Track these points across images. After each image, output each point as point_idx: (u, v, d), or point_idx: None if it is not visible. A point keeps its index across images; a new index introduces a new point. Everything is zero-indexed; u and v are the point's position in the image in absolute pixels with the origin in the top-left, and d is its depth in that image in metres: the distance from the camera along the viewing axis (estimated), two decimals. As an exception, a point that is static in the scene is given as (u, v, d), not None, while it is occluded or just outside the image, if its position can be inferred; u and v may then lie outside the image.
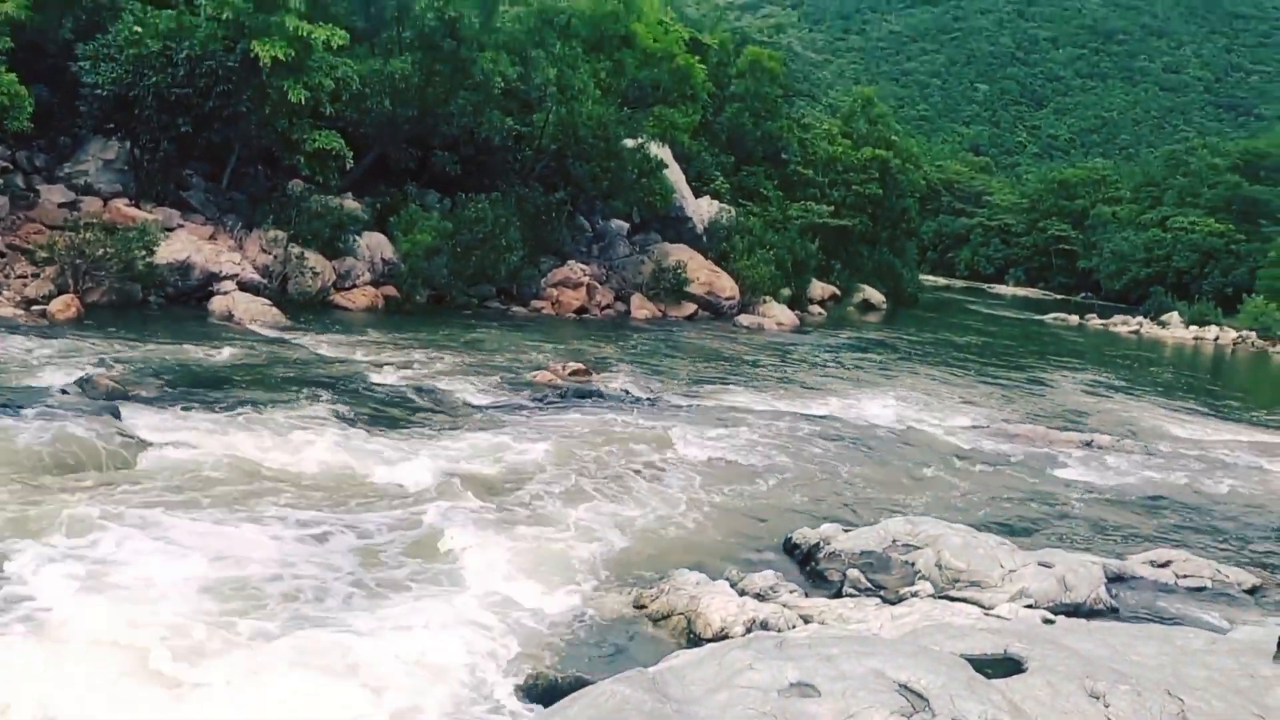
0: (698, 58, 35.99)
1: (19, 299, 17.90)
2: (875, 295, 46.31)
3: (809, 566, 9.25)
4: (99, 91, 21.37)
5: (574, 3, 28.74)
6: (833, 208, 45.73)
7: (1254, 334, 51.07)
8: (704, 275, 32.30)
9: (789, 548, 9.72)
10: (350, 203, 25.36)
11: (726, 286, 32.58)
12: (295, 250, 22.65)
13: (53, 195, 21.46)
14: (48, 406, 10.80)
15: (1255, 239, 71.83)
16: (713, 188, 39.66)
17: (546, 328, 24.93)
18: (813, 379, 21.98)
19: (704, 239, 35.50)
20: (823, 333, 32.21)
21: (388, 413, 13.65)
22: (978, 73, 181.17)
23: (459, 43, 25.83)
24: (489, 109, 27.39)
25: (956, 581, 8.52)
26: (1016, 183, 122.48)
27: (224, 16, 21.65)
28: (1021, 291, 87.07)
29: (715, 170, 40.96)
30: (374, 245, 24.95)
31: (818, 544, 9.39)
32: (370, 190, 27.36)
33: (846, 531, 9.50)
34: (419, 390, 15.40)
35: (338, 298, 23.56)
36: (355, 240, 24.39)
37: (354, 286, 24.07)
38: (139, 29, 21.66)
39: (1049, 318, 54.87)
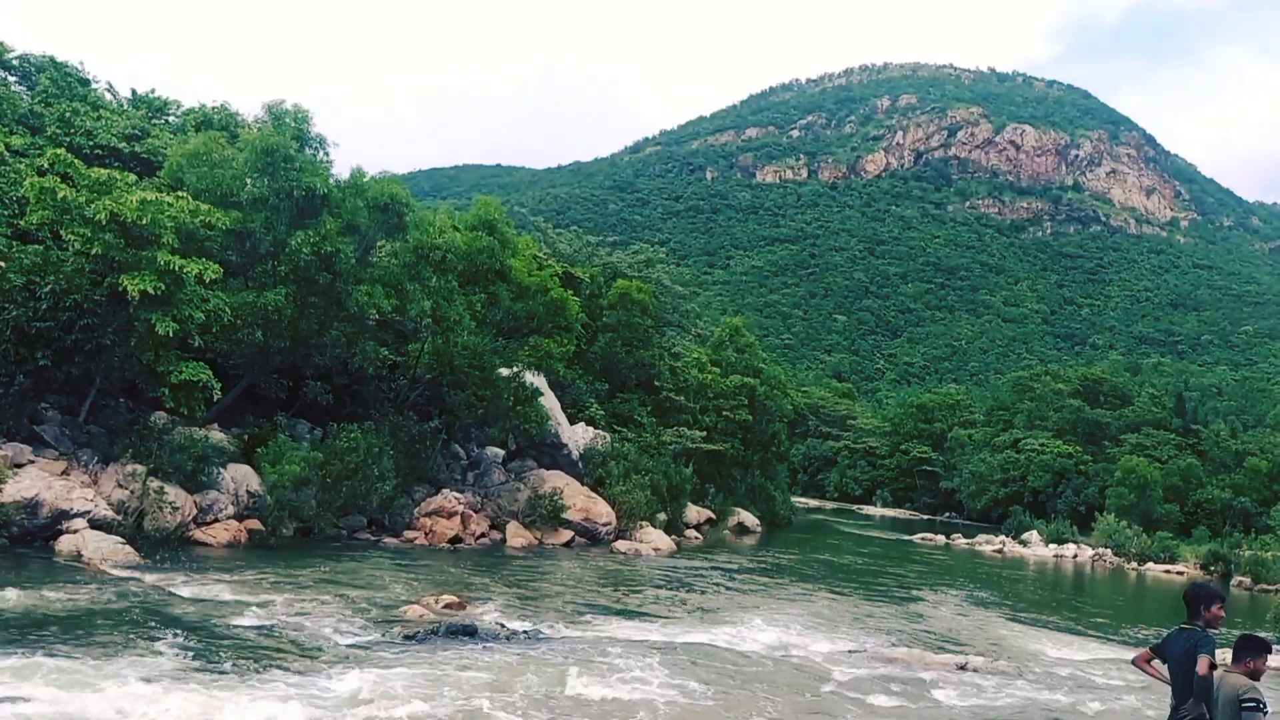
0: (571, 290, 37.28)
1: None
2: (749, 518, 46.81)
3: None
4: (-47, 324, 20.72)
5: (449, 239, 29.65)
6: (705, 433, 46.77)
7: (1109, 551, 53.31)
8: (580, 501, 32.20)
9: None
10: (216, 434, 24.71)
11: (603, 512, 32.49)
12: (154, 485, 21.75)
13: (-110, 430, 20.30)
14: None
15: (1100, 459, 76.23)
16: (588, 414, 40.21)
17: (419, 559, 24.21)
18: (691, 605, 21.76)
19: (580, 465, 35.61)
20: (700, 557, 32.16)
21: (244, 657, 12.83)
22: (836, 304, 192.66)
23: (335, 276, 26.18)
24: (364, 340, 27.55)
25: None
26: (878, 407, 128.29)
27: (93, 252, 21.52)
28: (890, 512, 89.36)
29: (590, 397, 41.67)
30: (239, 477, 24.19)
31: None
32: (238, 420, 26.79)
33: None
34: (282, 630, 14.60)
35: (198, 533, 22.51)
36: (219, 473, 23.62)
37: (216, 521, 23.10)
38: (2, 264, 21.32)
39: (917, 538, 56.22)
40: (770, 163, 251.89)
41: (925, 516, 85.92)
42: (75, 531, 19.70)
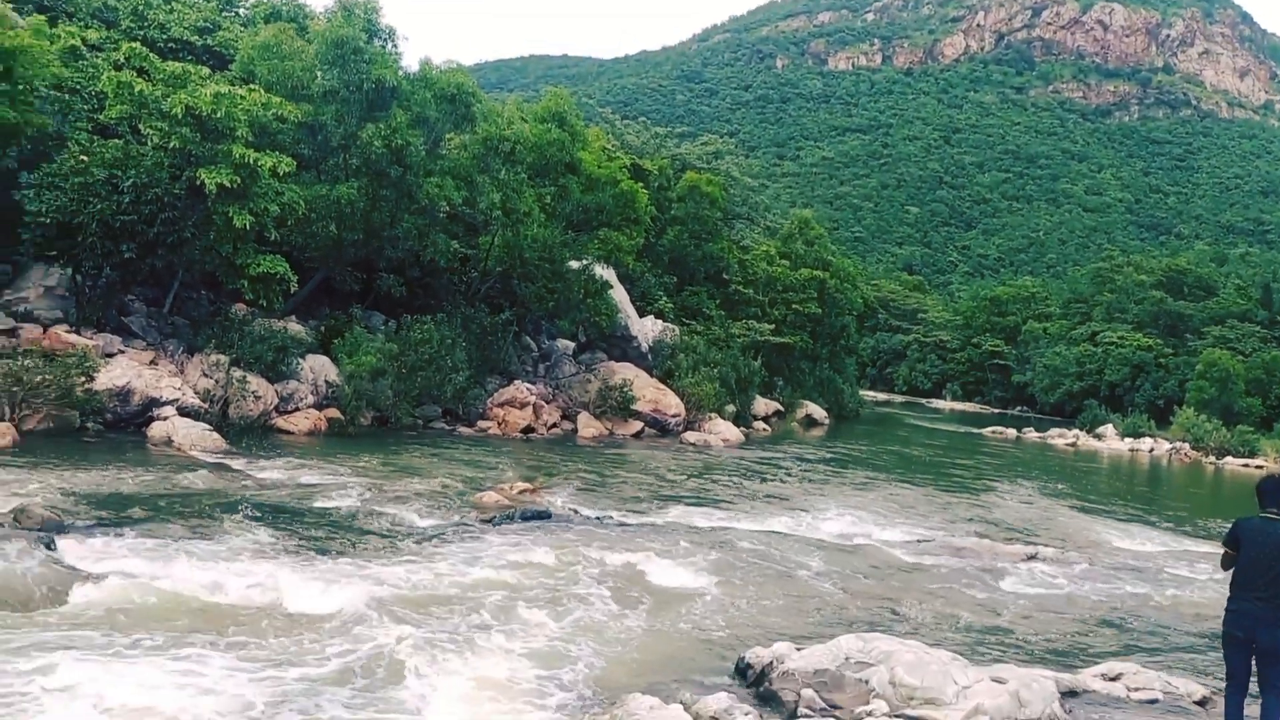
0: (640, 183, 36.99)
1: (-50, 428, 17.44)
2: (818, 411, 46.87)
3: (762, 687, 9.14)
4: (42, 219, 21.31)
5: (519, 131, 29.50)
6: (774, 326, 46.62)
7: (1187, 445, 52.42)
8: (650, 393, 32.52)
9: (741, 668, 9.60)
10: (294, 326, 25.30)
11: (672, 404, 32.80)
12: (237, 374, 22.45)
13: (-10, 322, 21.14)
14: (-22, 538, 10.44)
15: (1182, 352, 74.40)
16: (657, 307, 40.29)
17: (493, 448, 24.80)
18: (760, 494, 22.04)
19: (649, 357, 35.86)
20: (768, 448, 32.41)
21: (331, 538, 13.39)
22: (908, 196, 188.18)
23: (405, 169, 26.30)
24: (434, 232, 27.76)
25: (911, 699, 8.46)
26: (950, 300, 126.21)
27: (171, 145, 21.87)
28: (959, 406, 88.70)
29: (659, 290, 41.68)
30: (317, 368, 24.82)
31: (770, 663, 9.29)
32: (315, 313, 27.37)
33: (799, 650, 9.43)
34: (361, 514, 15.16)
35: (279, 421, 23.27)
36: (298, 363, 24.25)
37: (296, 410, 23.82)
38: (85, 158, 21.78)
39: (987, 431, 55.84)
40: (843, 49, 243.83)
41: (996, 410, 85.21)
42: (165, 419, 20.49)
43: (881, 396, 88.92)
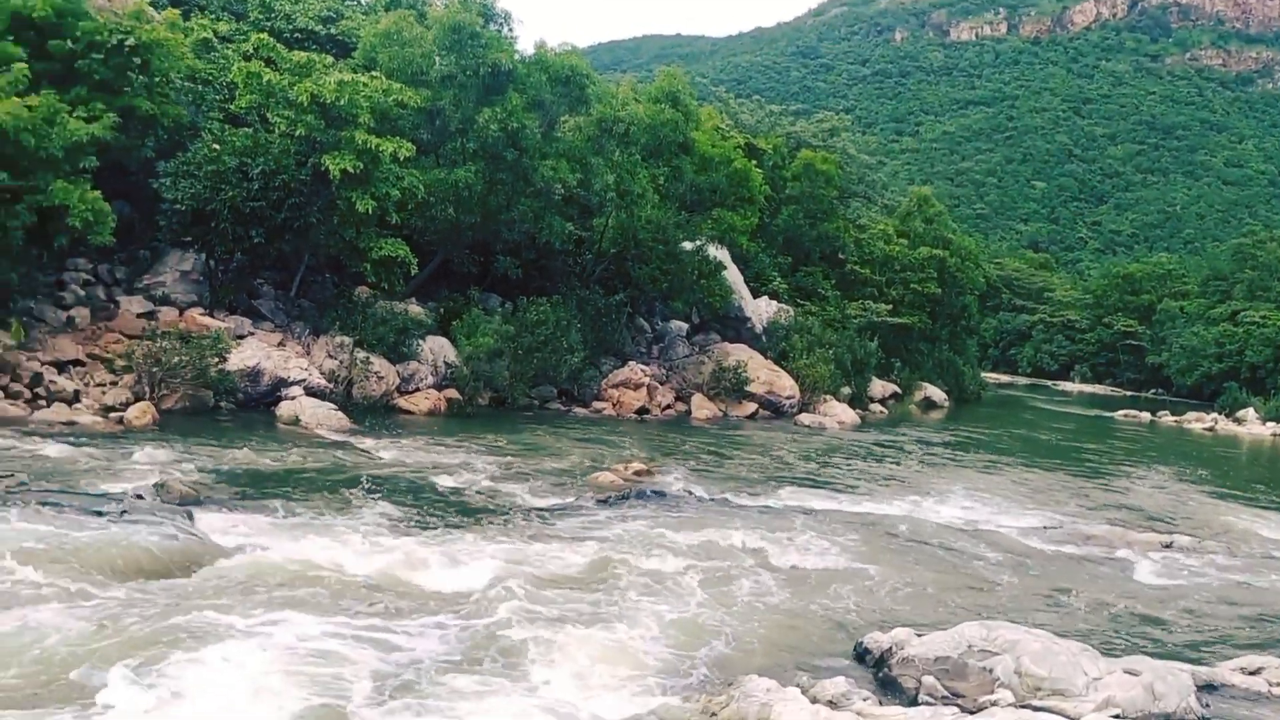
0: (754, 162, 36.58)
1: (98, 406, 18.40)
2: (937, 393, 45.77)
3: (881, 673, 8.95)
4: (178, 206, 22.29)
5: (632, 112, 29.49)
6: (891, 306, 45.63)
7: (1335, 430, 49.43)
8: (764, 374, 32.25)
9: (860, 653, 9.42)
10: (414, 308, 25.88)
11: (786, 385, 32.46)
12: (360, 355, 23.09)
13: (131, 306, 22.22)
14: (124, 511, 10.97)
15: (1331, 333, 70.07)
16: (771, 288, 39.87)
17: (607, 428, 24.95)
18: (877, 478, 21.63)
19: (763, 339, 35.55)
20: (885, 430, 31.80)
21: (452, 515, 13.65)
22: (1034, 170, 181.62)
23: (521, 152, 26.58)
24: (550, 215, 28.00)
25: (1038, 690, 8.16)
26: (1078, 279, 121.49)
27: (297, 133, 22.57)
28: (1088, 388, 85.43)
29: (773, 271, 41.22)
30: (437, 349, 25.35)
31: (890, 649, 9.09)
32: (434, 295, 27.94)
33: (920, 636, 9.19)
34: (482, 493, 15.43)
35: (401, 401, 23.86)
36: (419, 344, 24.81)
37: (417, 390, 24.38)
38: (217, 146, 22.65)
39: (1118, 414, 53.62)
40: (965, 19, 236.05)
41: (1128, 393, 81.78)
42: (293, 398, 21.23)
43: (1004, 379, 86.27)
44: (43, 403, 17.93)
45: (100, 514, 10.77)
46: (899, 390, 42.91)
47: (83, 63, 21.55)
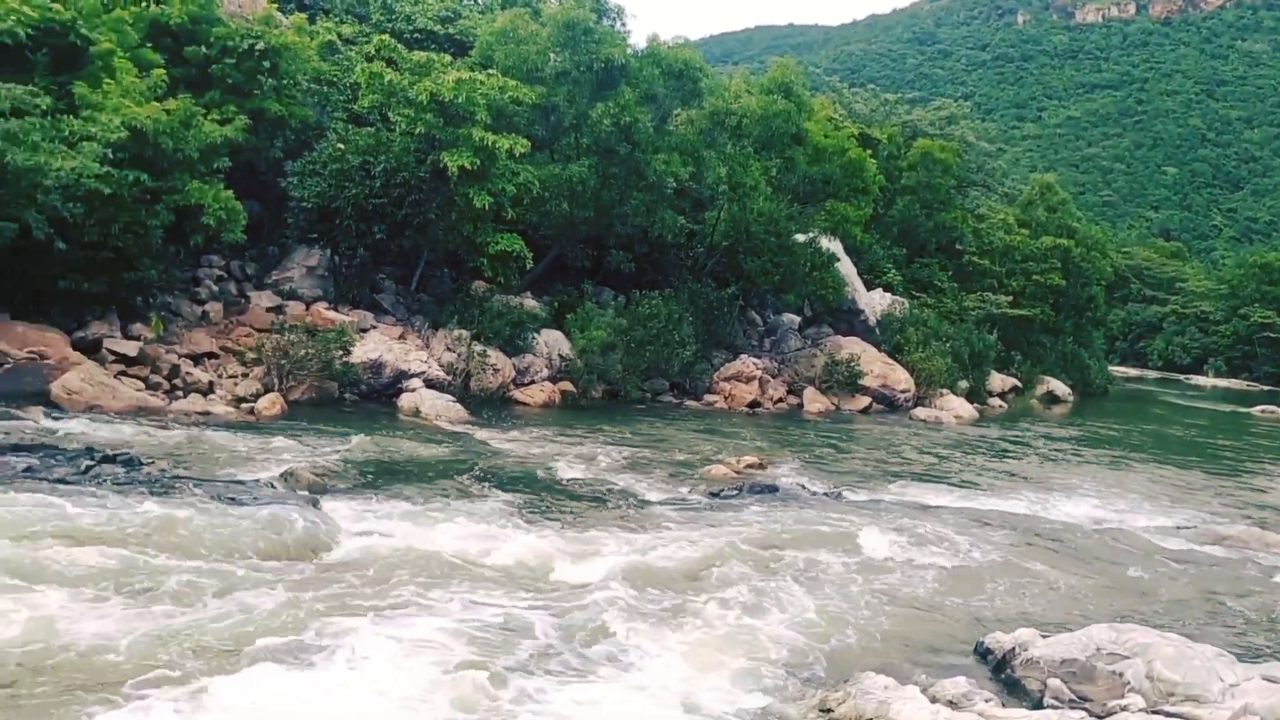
0: (868, 152, 36.01)
1: (230, 397, 19.22)
2: (1060, 387, 44.33)
3: (1003, 674, 8.73)
4: (304, 204, 23.12)
5: (745, 105, 29.34)
6: (1011, 297, 44.40)
7: None
8: (877, 368, 31.74)
9: (981, 653, 9.21)
10: (529, 302, 26.30)
11: (901, 379, 31.89)
12: (478, 348, 23.57)
13: (261, 301, 23.15)
14: (257, 498, 11.46)
15: None
16: (885, 280, 39.21)
17: (719, 421, 24.92)
18: (997, 474, 21.07)
19: (876, 331, 35.00)
20: (1005, 426, 30.95)
21: (566, 507, 13.85)
22: (1165, 155, 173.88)
23: (633, 146, 26.73)
24: (662, 208, 28.08)
25: (1171, 695, 7.85)
26: (1212, 268, 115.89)
27: (417, 131, 23.14)
28: (1223, 383, 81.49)
29: (887, 263, 40.53)
30: (551, 342, 25.70)
31: (1013, 650, 8.86)
32: (548, 289, 28.33)
33: (1045, 637, 8.94)
34: (596, 484, 15.60)
35: (516, 394, 24.27)
36: (534, 338, 25.20)
37: (532, 383, 24.77)
38: (341, 145, 23.40)
39: (1256, 410, 50.98)
40: (1092, 0, 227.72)
41: (1266, 388, 77.73)
42: (413, 390, 21.80)
43: (1133, 372, 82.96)
44: (180, 394, 18.81)
45: (235, 500, 11.28)
46: (1019, 384, 41.69)
47: (216, 67, 22.54)
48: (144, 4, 22.97)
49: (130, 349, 19.00)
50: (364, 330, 22.98)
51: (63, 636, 7.57)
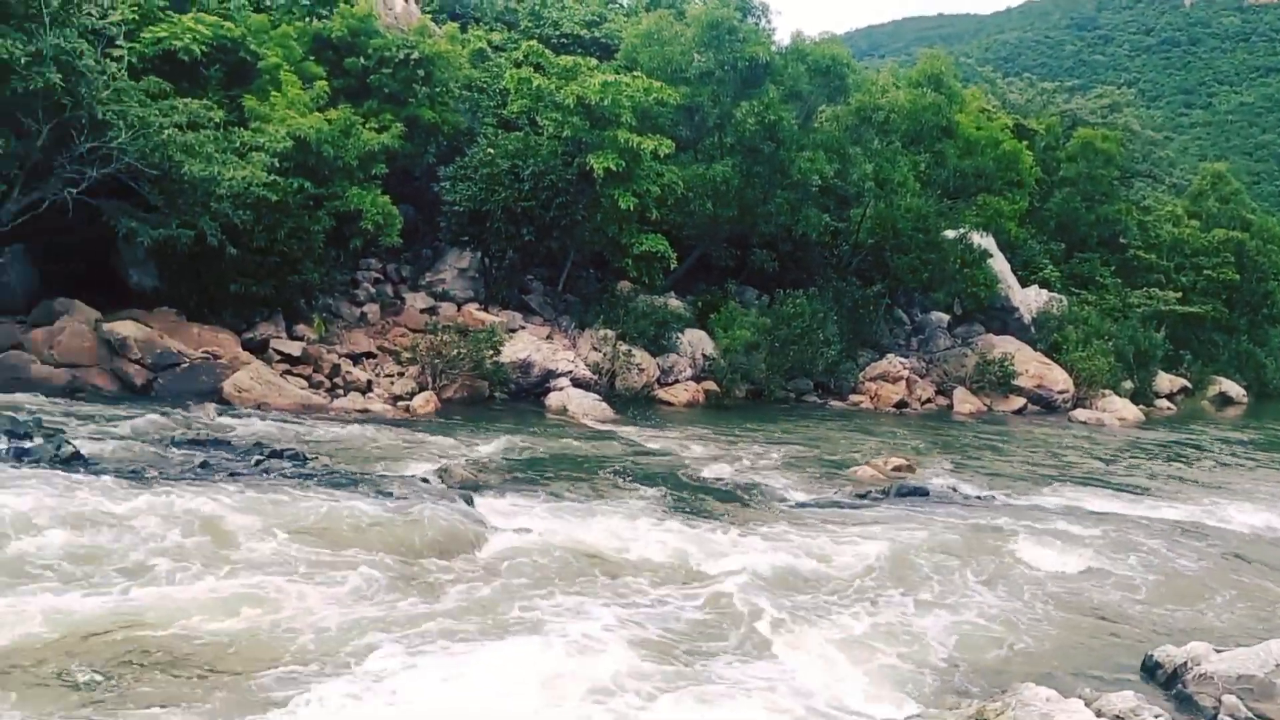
0: (1024, 143, 34.75)
1: (387, 395, 19.99)
2: (1233, 388, 41.81)
3: (1174, 689, 8.27)
4: (456, 208, 23.86)
5: (892, 99, 28.75)
6: (1180, 294, 42.12)
7: None
8: (1032, 367, 30.60)
9: (1149, 667, 8.75)
10: (673, 302, 26.42)
11: (1059, 379, 30.64)
12: (623, 348, 23.82)
13: (416, 302, 23.99)
14: (414, 493, 11.87)
15: None
16: (1041, 276, 37.78)
17: (865, 422, 24.47)
18: (1166, 478, 20.01)
19: (1031, 330, 33.78)
20: (1173, 429, 29.36)
21: (711, 505, 13.84)
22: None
23: (778, 145, 26.53)
24: (806, 206, 27.79)
25: (1364, 719, 7.30)
26: None
27: (564, 134, 23.56)
28: None
29: (1044, 258, 39.05)
30: (695, 342, 25.75)
31: (1184, 664, 8.38)
32: (691, 289, 28.39)
33: (1219, 652, 8.43)
34: (742, 483, 15.54)
35: (660, 393, 24.42)
36: (678, 338, 25.30)
37: (676, 382, 24.87)
38: (491, 150, 24.03)
39: None
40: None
41: None
42: (560, 389, 22.20)
43: (1316, 373, 77.46)
44: (340, 392, 19.67)
45: (393, 495, 11.71)
46: (1189, 385, 39.53)
47: (374, 77, 23.49)
48: (308, 19, 24.13)
49: (294, 349, 19.99)
50: (513, 330, 23.53)
51: (289, 621, 7.99)
